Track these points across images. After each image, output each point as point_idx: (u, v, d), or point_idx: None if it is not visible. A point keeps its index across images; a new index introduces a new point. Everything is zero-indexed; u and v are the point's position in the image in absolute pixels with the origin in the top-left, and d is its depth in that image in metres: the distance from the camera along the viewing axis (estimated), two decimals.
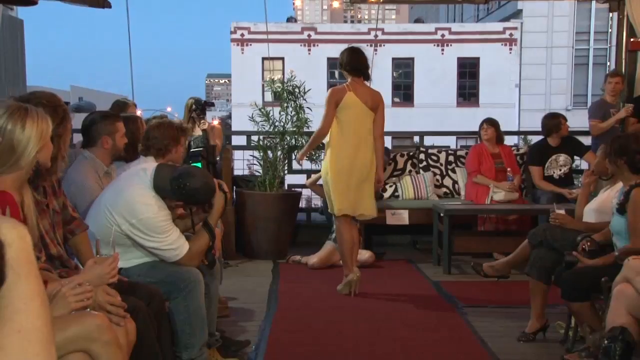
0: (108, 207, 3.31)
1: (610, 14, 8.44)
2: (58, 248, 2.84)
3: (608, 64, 24.07)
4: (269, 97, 7.88)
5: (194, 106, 6.45)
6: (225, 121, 28.60)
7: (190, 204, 3.47)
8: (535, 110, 23.66)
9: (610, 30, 8.24)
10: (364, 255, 6.56)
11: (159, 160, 4.20)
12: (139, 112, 6.34)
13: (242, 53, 27.58)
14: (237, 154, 8.20)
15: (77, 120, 5.95)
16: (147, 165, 3.51)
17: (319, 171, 7.59)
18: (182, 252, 3.34)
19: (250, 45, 27.32)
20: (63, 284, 2.41)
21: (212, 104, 7.29)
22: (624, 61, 7.73)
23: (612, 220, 3.96)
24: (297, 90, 7.27)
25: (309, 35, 28.20)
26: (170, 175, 3.34)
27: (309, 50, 28.07)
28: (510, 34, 27.85)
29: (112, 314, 2.53)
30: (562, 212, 4.61)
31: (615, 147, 3.92)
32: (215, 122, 7.46)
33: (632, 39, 7.56)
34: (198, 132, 6.28)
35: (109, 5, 7.71)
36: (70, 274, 2.73)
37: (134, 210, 3.29)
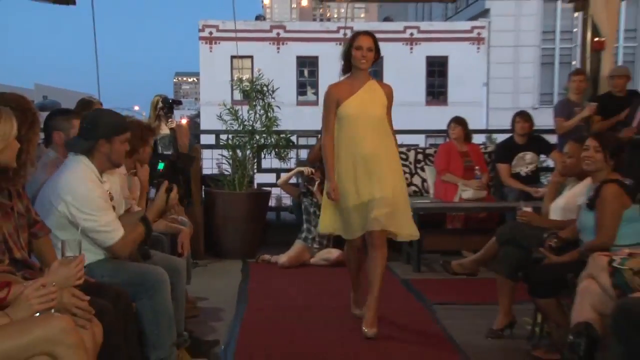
0: (48, 194, 3.28)
1: (576, 14, 8.56)
2: (22, 252, 2.79)
3: (573, 62, 24.39)
4: (237, 95, 7.84)
5: (160, 104, 6.42)
6: (194, 120, 28.42)
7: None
8: (503, 108, 23.93)
9: (575, 29, 8.40)
10: (334, 254, 6.58)
11: (126, 162, 4.19)
12: None
13: (211, 51, 27.42)
14: (206, 153, 8.15)
15: (42, 118, 5.84)
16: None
17: (288, 170, 7.60)
18: (117, 235, 3.31)
19: (219, 43, 27.18)
20: (26, 286, 2.38)
21: (180, 102, 7.25)
22: (588, 60, 7.86)
23: (580, 217, 4.02)
24: (265, 88, 7.26)
25: (278, 34, 28.15)
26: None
27: (278, 48, 28.03)
28: (478, 33, 28.11)
29: (78, 317, 2.50)
30: (529, 209, 4.67)
31: (611, 143, 3.96)
32: (184, 121, 7.43)
33: (595, 39, 7.71)
34: (165, 130, 6.24)
35: (73, 2, 7.62)
36: (35, 276, 2.69)
37: (69, 187, 3.27)
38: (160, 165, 3.98)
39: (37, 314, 2.34)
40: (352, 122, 4.40)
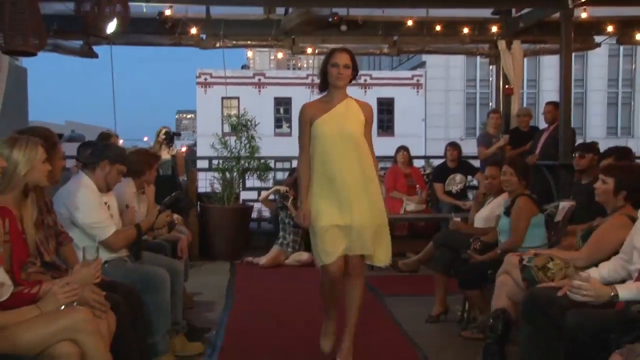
0: (58, 205, 3.19)
1: (490, 66, 8.75)
2: (52, 256, 2.74)
3: (491, 104, 24.82)
4: (227, 128, 7.80)
5: (163, 135, 6.42)
6: (192, 148, 28.14)
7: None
8: (437, 139, 24.18)
9: (491, 78, 8.54)
10: (304, 256, 6.54)
11: (135, 181, 4.14)
12: (120, 142, 6.22)
13: (205, 93, 27.31)
14: (201, 175, 8.07)
15: (72, 148, 5.78)
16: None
17: (267, 188, 7.57)
18: (109, 231, 3.27)
19: (212, 87, 27.08)
20: (54, 284, 2.33)
21: (179, 134, 7.23)
22: (501, 102, 8.02)
23: (499, 223, 4.07)
24: (249, 123, 7.25)
25: (259, 80, 28.15)
26: None
27: (259, 91, 28.01)
28: (417, 80, 28.47)
29: (96, 309, 2.45)
30: (458, 219, 4.72)
31: (522, 168, 4.04)
32: (183, 149, 7.38)
33: (506, 86, 7.89)
34: (165, 156, 6.22)
35: (95, 56, 7.59)
36: (61, 276, 2.63)
37: (68, 193, 3.27)
38: (170, 199, 3.91)
39: (63, 307, 2.30)
40: (326, 141, 3.30)
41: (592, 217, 3.46)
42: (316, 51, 7.82)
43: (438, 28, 7.59)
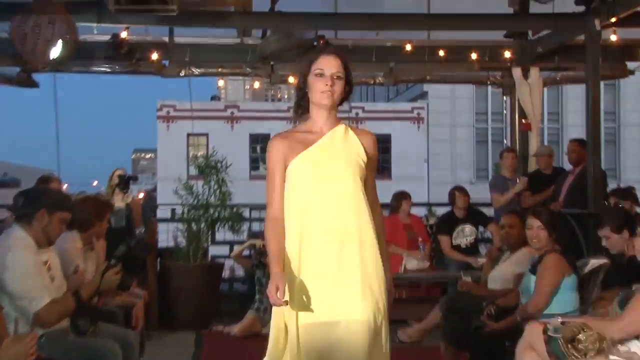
0: None
1: (504, 98, 8.91)
2: None
3: (505, 141, 25.18)
4: (193, 171, 7.80)
5: (116, 180, 6.40)
6: (151, 194, 28.07)
7: None
8: (442, 182, 24.35)
9: (505, 111, 8.71)
10: None
11: (82, 235, 4.09)
12: (64, 187, 6.17)
13: (168, 129, 27.39)
14: (162, 227, 8.01)
15: (5, 195, 5.71)
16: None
17: (241, 242, 7.52)
18: (41, 303, 3.18)
19: (176, 122, 27.19)
20: None
21: (136, 178, 7.21)
22: (517, 139, 8.12)
23: (523, 281, 4.06)
24: (219, 165, 7.26)
25: (232, 113, 28.37)
26: None
27: (232, 126, 28.19)
28: (418, 113, 28.83)
29: None
30: (469, 279, 4.70)
31: (550, 219, 4.05)
32: (141, 195, 7.35)
33: (523, 120, 8.00)
34: (119, 203, 6.18)
35: (36, 85, 7.62)
36: None
37: (4, 257, 3.21)
38: (120, 249, 3.86)
39: None
40: (308, 189, 2.69)
41: (630, 278, 3.45)
42: None
43: (441, 53, 7.73)
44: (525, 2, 7.24)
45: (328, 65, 2.72)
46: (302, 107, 2.81)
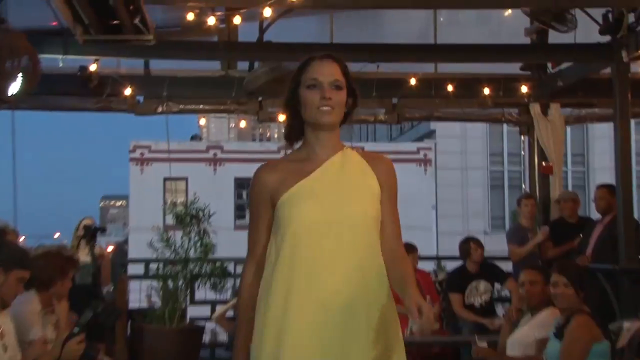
0: None
1: (522, 138, 8.98)
2: None
3: (523, 186, 25.28)
4: (171, 220, 7.79)
5: (83, 231, 6.38)
6: (122, 247, 27.94)
7: None
8: (453, 233, 24.32)
9: (523, 153, 8.82)
10: None
11: (41, 295, 4.05)
12: (21, 240, 6.15)
13: (142, 173, 27.42)
14: (134, 285, 7.96)
15: None
16: None
17: (224, 302, 7.45)
18: None
19: (151, 164, 27.24)
20: None
21: (104, 229, 7.19)
22: (537, 184, 8.16)
23: (546, 347, 4.02)
24: (201, 213, 7.25)
25: (215, 154, 28.46)
26: None
27: (215, 169, 28.25)
28: (425, 155, 28.94)
29: None
30: (484, 344, 4.65)
31: (577, 276, 4.05)
32: (109, 249, 7.32)
33: (543, 163, 8.05)
34: (84, 258, 6.16)
35: None
36: None
37: None
38: (85, 316, 3.81)
39: None
40: (303, 233, 2.31)
41: None
42: None
43: (450, 88, 7.81)
44: (543, 31, 7.35)
45: (323, 72, 2.42)
46: (294, 130, 2.48)
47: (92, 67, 7.18)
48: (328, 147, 2.44)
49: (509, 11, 7.60)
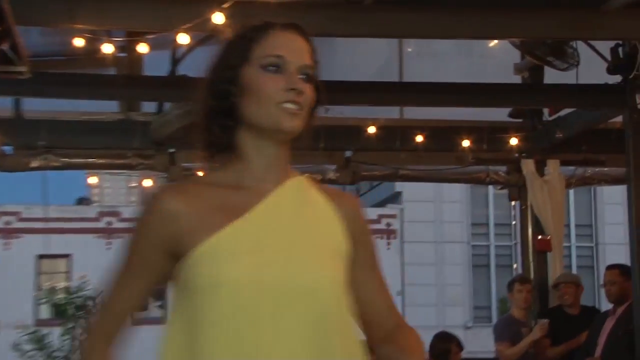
0: None
1: (512, 203, 9.06)
2: None
3: (514, 266, 25.51)
4: (46, 312, 7.64)
5: None
6: None
7: None
8: (425, 327, 24.19)
9: (514, 222, 8.92)
10: None
11: None
12: None
13: (8, 249, 26.88)
14: None
15: None
16: None
17: None
18: None
19: (21, 237, 26.73)
20: None
21: None
22: (531, 263, 8.16)
23: None
24: (90, 302, 7.12)
25: (109, 223, 28.07)
26: None
27: (110, 243, 27.84)
28: (388, 224, 28.87)
29: None
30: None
31: None
32: None
33: (539, 237, 8.04)
34: None
35: None
36: None
37: None
38: None
39: None
40: (240, 312, 1.85)
41: None
42: None
43: (420, 139, 7.76)
44: (538, 68, 7.46)
45: (291, 48, 1.99)
46: (220, 134, 2.03)
47: None
48: (275, 170, 1.99)
49: (495, 42, 7.69)
